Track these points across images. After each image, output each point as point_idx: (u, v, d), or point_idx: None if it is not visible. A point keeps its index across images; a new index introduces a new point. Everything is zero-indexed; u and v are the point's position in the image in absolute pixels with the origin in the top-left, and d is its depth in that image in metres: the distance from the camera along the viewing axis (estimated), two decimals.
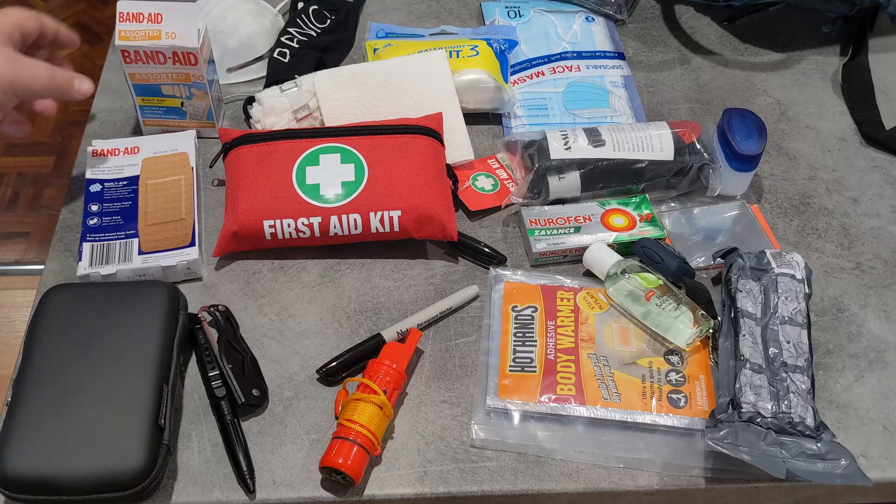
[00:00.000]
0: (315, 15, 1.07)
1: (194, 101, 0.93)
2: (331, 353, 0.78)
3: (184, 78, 0.90)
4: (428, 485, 0.71)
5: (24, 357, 0.72)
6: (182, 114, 0.94)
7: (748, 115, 0.91)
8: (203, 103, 0.93)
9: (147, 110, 0.94)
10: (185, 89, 0.91)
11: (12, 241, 2.01)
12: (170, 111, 0.94)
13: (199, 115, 0.94)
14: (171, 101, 0.93)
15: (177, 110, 0.94)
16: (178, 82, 0.91)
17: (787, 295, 0.77)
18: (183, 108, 0.93)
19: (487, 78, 0.97)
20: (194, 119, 0.94)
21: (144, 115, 0.94)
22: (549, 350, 0.78)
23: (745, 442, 0.68)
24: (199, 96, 0.92)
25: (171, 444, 0.71)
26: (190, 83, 0.91)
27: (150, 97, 0.92)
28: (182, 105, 0.93)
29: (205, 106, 0.93)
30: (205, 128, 0.95)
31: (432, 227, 0.84)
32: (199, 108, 0.93)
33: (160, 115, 0.94)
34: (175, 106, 0.93)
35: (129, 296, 0.75)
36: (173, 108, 0.93)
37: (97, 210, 0.84)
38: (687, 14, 1.15)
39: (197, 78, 0.90)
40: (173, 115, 0.94)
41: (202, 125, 0.95)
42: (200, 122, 0.95)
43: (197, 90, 0.92)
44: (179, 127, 0.95)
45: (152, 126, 0.95)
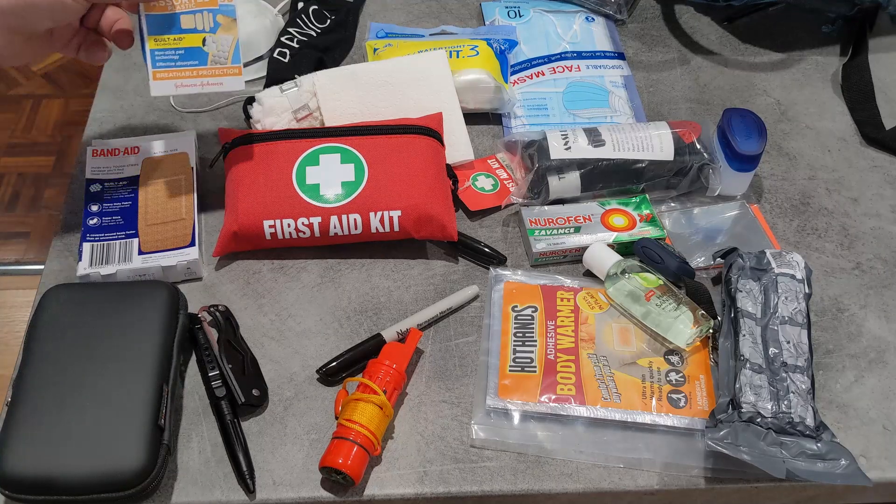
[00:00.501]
0: (315, 15, 1.07)
1: (219, 36, 0.78)
2: (331, 353, 0.78)
3: (208, 1, 0.77)
4: (428, 485, 0.71)
5: (24, 357, 0.72)
6: (203, 56, 0.78)
7: (748, 115, 0.91)
8: (229, 37, 0.78)
9: (160, 56, 0.78)
10: (209, 17, 0.77)
11: (12, 241, 2.02)
12: (189, 54, 0.78)
13: (224, 56, 0.79)
14: (190, 39, 0.78)
15: (197, 52, 0.78)
16: (203, 7, 0.77)
17: (787, 295, 0.77)
18: (205, 48, 0.78)
19: (487, 78, 0.97)
20: (217, 63, 0.79)
21: (156, 64, 0.78)
22: (549, 350, 0.78)
23: (745, 442, 0.68)
24: (226, 26, 0.78)
25: (171, 444, 0.71)
26: (217, 7, 0.77)
27: (165, 35, 0.77)
28: (204, 43, 0.78)
29: (231, 41, 0.78)
30: (229, 76, 0.79)
31: (432, 227, 0.84)
32: (224, 45, 0.78)
33: (175, 63, 0.78)
34: (195, 46, 0.78)
35: (129, 296, 0.75)
36: (193, 49, 0.78)
37: (97, 210, 0.84)
38: (687, 14, 1.15)
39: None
40: (192, 60, 0.78)
41: (226, 72, 0.79)
42: (224, 67, 0.79)
43: (224, 17, 0.78)
44: (198, 77, 0.79)
45: (164, 80, 0.79)
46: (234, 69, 0.79)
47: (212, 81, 0.79)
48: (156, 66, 0.78)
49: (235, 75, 0.79)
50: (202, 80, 0.79)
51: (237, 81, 0.80)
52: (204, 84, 0.79)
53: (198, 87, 0.79)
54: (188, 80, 0.79)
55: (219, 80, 0.79)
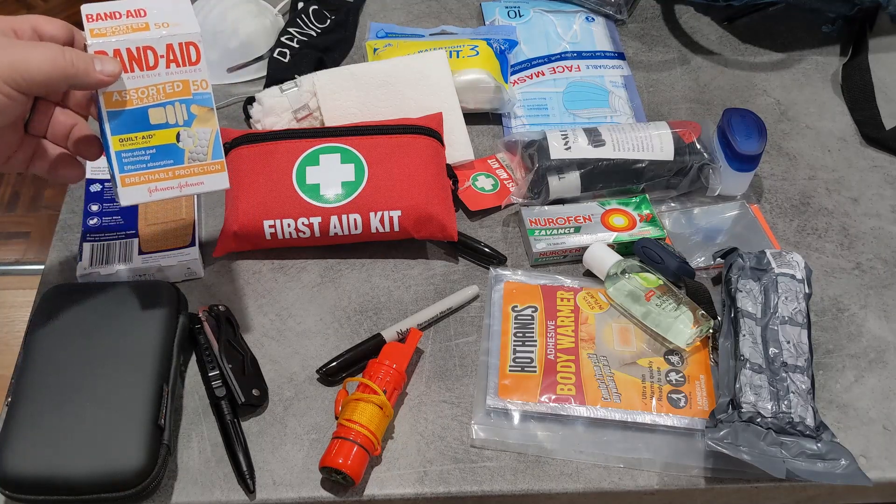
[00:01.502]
0: (315, 15, 1.07)
1: (195, 129, 0.68)
2: (331, 353, 0.78)
3: (181, 90, 0.67)
4: (428, 485, 0.71)
5: (23, 357, 0.72)
6: (179, 153, 0.68)
7: (748, 115, 0.91)
8: (207, 130, 0.68)
9: (127, 158, 0.67)
10: (182, 109, 0.67)
11: (12, 241, 2.02)
12: (161, 153, 0.67)
13: (202, 151, 0.68)
14: (162, 136, 0.67)
15: (171, 149, 0.68)
16: (174, 98, 0.67)
17: (787, 295, 0.77)
18: (180, 144, 0.68)
19: (487, 78, 0.97)
20: (196, 160, 0.69)
21: (124, 168, 0.67)
22: (549, 350, 0.78)
23: (745, 442, 0.68)
24: (203, 117, 0.68)
25: (171, 444, 0.71)
26: (190, 97, 0.67)
27: (132, 134, 0.67)
28: (178, 139, 0.68)
29: (210, 134, 0.68)
30: (210, 173, 0.69)
31: (432, 227, 0.84)
32: (202, 139, 0.68)
33: (146, 164, 0.67)
34: (168, 143, 0.67)
35: (129, 296, 0.75)
36: (166, 146, 0.67)
37: (97, 210, 0.84)
38: (687, 14, 1.15)
39: (200, 86, 0.68)
40: (166, 160, 0.68)
41: (207, 169, 0.69)
42: (204, 163, 0.69)
43: (199, 107, 0.68)
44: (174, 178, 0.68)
45: (135, 185, 0.67)
46: (216, 165, 0.69)
47: (191, 181, 0.69)
48: (123, 170, 0.67)
49: (217, 172, 0.69)
50: (179, 181, 0.68)
51: (220, 179, 0.70)
52: (182, 186, 0.69)
53: (176, 191, 0.68)
54: (163, 184, 0.68)
55: (199, 180, 0.69)
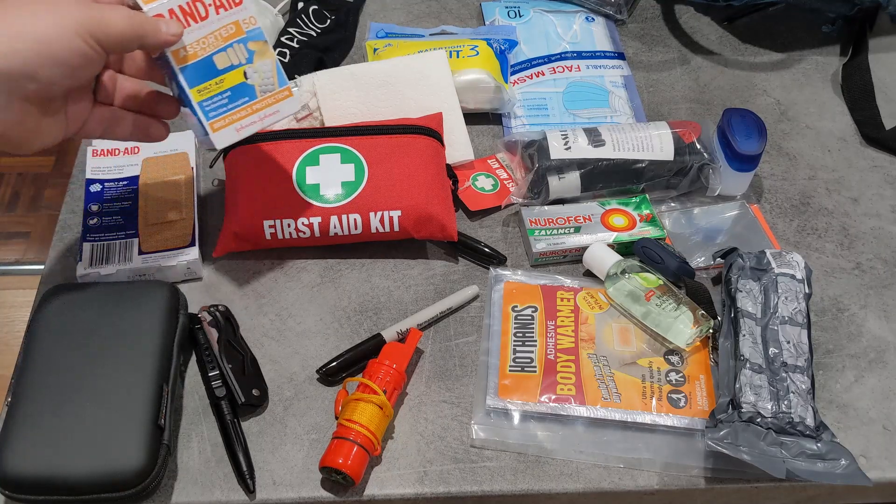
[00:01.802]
0: (315, 15, 1.07)
1: (258, 63, 0.72)
2: (331, 353, 0.78)
3: (234, 31, 0.71)
4: (428, 485, 0.71)
5: (23, 357, 0.72)
6: (251, 90, 0.73)
7: (748, 115, 0.91)
8: (268, 61, 0.73)
9: (209, 105, 0.71)
10: (241, 49, 0.72)
11: (12, 241, 2.02)
12: (236, 93, 0.72)
13: (269, 82, 0.73)
14: (232, 77, 0.72)
15: (243, 87, 0.72)
16: (231, 40, 0.71)
17: (787, 295, 0.77)
18: (249, 81, 0.72)
19: (487, 78, 0.97)
20: (266, 91, 0.73)
21: (210, 115, 0.72)
22: (549, 350, 0.78)
23: (745, 442, 0.68)
24: (261, 51, 0.72)
25: (171, 444, 0.71)
26: (244, 35, 0.72)
27: (207, 82, 0.71)
28: (246, 76, 0.72)
29: (271, 65, 0.73)
30: (282, 100, 0.74)
31: (432, 227, 0.84)
32: (265, 72, 0.73)
33: (226, 106, 0.72)
34: (239, 82, 0.72)
35: (129, 296, 0.75)
36: (238, 86, 0.72)
37: (97, 210, 0.84)
38: (687, 14, 1.15)
39: (249, 23, 0.72)
40: (243, 97, 0.73)
41: (278, 97, 0.74)
42: (275, 93, 0.74)
43: (255, 43, 0.72)
44: (254, 113, 0.73)
45: (224, 128, 0.72)
46: (284, 91, 0.75)
47: (268, 112, 0.74)
48: (209, 117, 0.72)
49: (288, 97, 0.75)
50: (259, 114, 0.74)
51: (292, 103, 0.75)
52: (263, 117, 0.74)
53: (258, 124, 0.74)
54: (246, 120, 0.73)
55: (274, 109, 0.74)
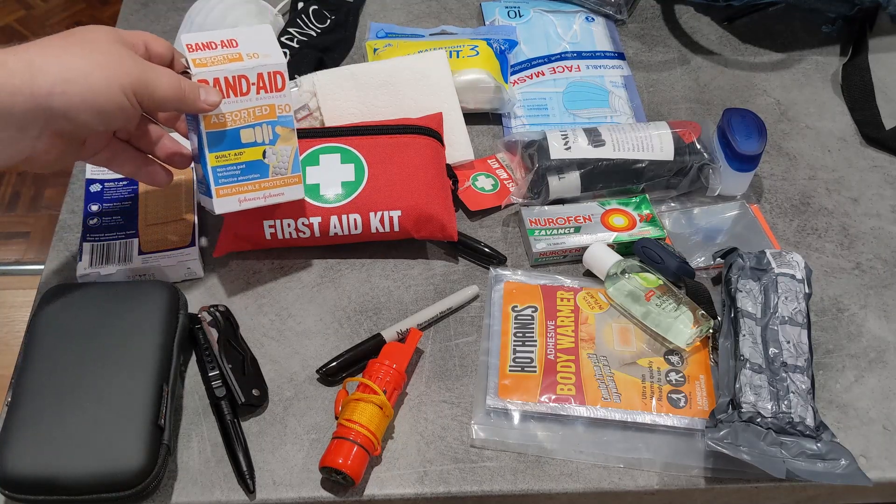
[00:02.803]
0: (315, 15, 1.07)
1: (279, 147, 0.76)
2: (331, 353, 0.78)
3: (268, 113, 0.75)
4: (428, 485, 0.71)
5: (23, 357, 0.72)
6: (264, 168, 0.76)
7: (748, 115, 0.91)
8: (289, 147, 0.77)
9: (221, 172, 0.75)
10: (268, 130, 0.76)
11: (12, 241, 2.02)
12: (250, 168, 0.76)
13: (284, 166, 0.77)
14: (251, 153, 0.75)
15: (258, 165, 0.76)
16: (262, 120, 0.75)
17: (787, 295, 0.77)
18: (265, 160, 0.76)
19: (487, 78, 0.97)
20: (278, 174, 0.77)
21: (219, 181, 0.75)
22: (549, 350, 0.78)
23: (745, 442, 0.68)
24: (285, 136, 0.76)
25: (171, 444, 0.71)
26: (275, 119, 0.76)
27: (226, 151, 0.75)
28: (264, 156, 0.76)
29: (290, 151, 0.77)
30: (290, 185, 0.78)
31: (432, 227, 0.84)
32: (283, 156, 0.77)
33: (237, 178, 0.76)
34: (256, 159, 0.76)
35: (129, 296, 0.75)
36: (254, 162, 0.76)
37: (97, 210, 0.84)
38: (687, 14, 1.15)
39: (283, 109, 0.76)
40: (253, 174, 0.76)
41: (287, 182, 0.78)
42: (285, 177, 0.78)
43: (283, 128, 0.76)
44: (260, 190, 0.77)
45: (228, 196, 0.76)
46: (294, 178, 0.78)
47: (273, 192, 0.77)
48: (218, 183, 0.75)
49: (296, 184, 0.78)
50: (264, 192, 0.77)
51: (297, 190, 0.79)
52: (266, 196, 0.77)
53: (261, 201, 0.77)
54: (251, 195, 0.76)
55: (280, 191, 0.78)
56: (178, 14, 1.09)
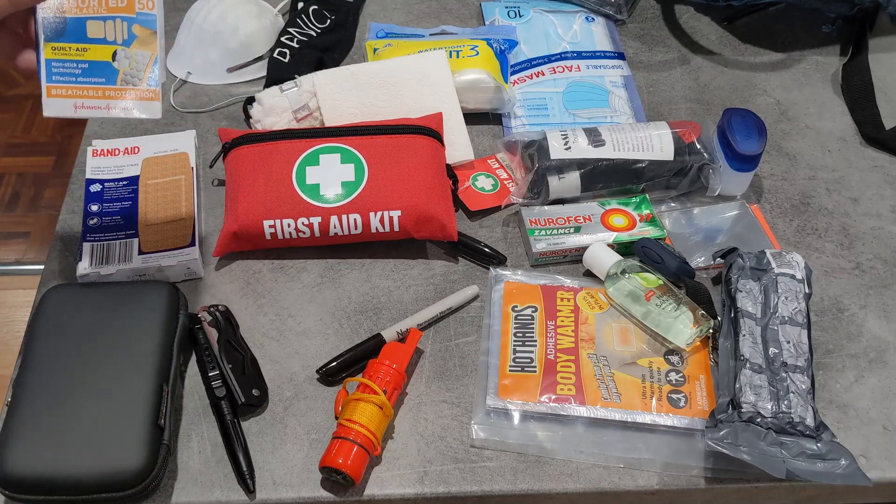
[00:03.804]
0: (315, 15, 1.07)
1: (134, 50, 0.64)
2: (331, 353, 0.78)
3: (124, 6, 0.63)
4: (428, 485, 0.71)
5: (24, 357, 0.72)
6: (112, 73, 0.64)
7: (748, 115, 0.91)
8: (146, 53, 0.64)
9: (57, 68, 0.64)
10: (122, 27, 0.63)
11: (12, 241, 2.01)
12: (93, 69, 0.64)
13: (138, 75, 0.65)
14: (97, 51, 0.64)
15: (104, 67, 0.64)
16: (116, 14, 0.63)
17: (787, 295, 0.77)
18: (115, 63, 0.64)
19: (487, 78, 0.97)
20: (128, 83, 0.65)
21: (52, 78, 0.64)
22: (549, 350, 0.78)
23: (745, 442, 0.68)
24: (144, 39, 0.64)
25: (171, 444, 0.71)
26: (133, 15, 0.64)
27: (67, 43, 0.63)
28: (114, 58, 0.64)
29: (148, 58, 0.65)
30: (143, 100, 0.65)
31: (432, 227, 0.84)
32: (139, 62, 0.64)
33: (75, 78, 0.64)
34: (102, 60, 0.64)
35: (129, 296, 0.75)
36: (99, 63, 0.64)
37: (97, 210, 0.84)
38: (687, 14, 1.15)
39: (146, 5, 0.64)
40: (97, 77, 0.64)
41: (140, 95, 0.65)
42: (137, 88, 0.65)
43: (142, 28, 0.64)
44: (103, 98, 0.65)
45: (61, 98, 0.64)
46: (149, 92, 0.65)
47: (120, 105, 0.66)
48: (51, 79, 0.64)
49: (151, 100, 0.66)
50: (108, 101, 0.65)
51: (152, 107, 0.66)
52: (109, 107, 0.65)
53: (102, 111, 0.65)
54: (90, 102, 0.65)
55: (129, 104, 0.65)
56: (178, 14, 1.09)
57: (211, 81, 1.03)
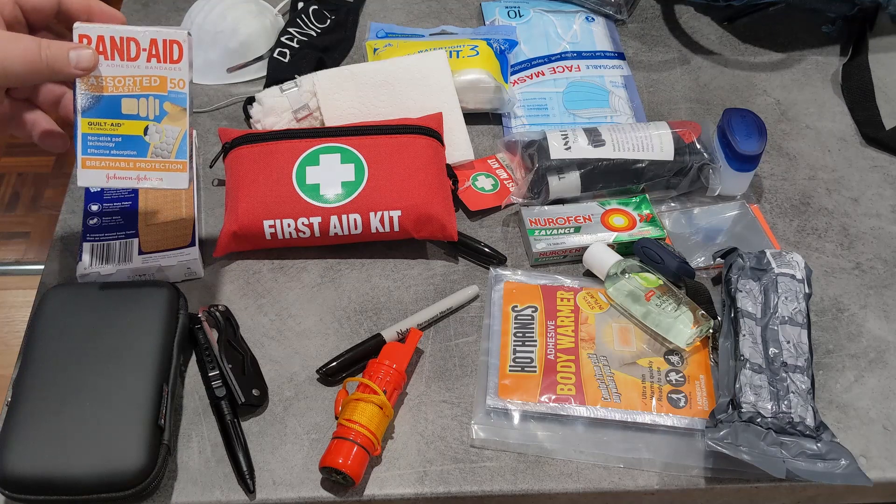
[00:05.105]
0: (315, 15, 1.07)
1: (164, 126, 0.69)
2: (331, 353, 0.78)
3: (157, 85, 0.68)
4: (428, 485, 0.71)
5: (24, 357, 0.72)
6: (143, 146, 0.69)
7: (748, 115, 0.91)
8: (176, 129, 0.70)
9: (93, 142, 0.69)
10: (155, 104, 0.68)
11: (12, 241, 2.02)
12: (126, 143, 0.69)
13: (167, 149, 0.70)
14: (130, 126, 0.69)
15: (136, 141, 0.69)
16: (149, 92, 0.68)
17: (787, 295, 0.77)
18: (146, 138, 0.69)
19: (487, 78, 0.97)
20: (158, 156, 0.70)
21: (87, 150, 0.69)
22: (549, 350, 0.78)
23: (745, 442, 0.68)
24: (174, 116, 0.69)
25: (171, 444, 0.71)
26: (165, 94, 0.69)
27: (102, 119, 0.68)
28: (146, 132, 0.69)
29: (178, 133, 0.70)
30: (171, 171, 0.70)
31: (432, 227, 0.84)
32: (169, 137, 0.69)
33: (109, 151, 0.69)
34: (135, 135, 0.69)
35: (129, 296, 0.75)
36: (132, 137, 0.69)
37: (97, 210, 0.84)
38: (687, 14, 1.15)
39: (177, 85, 0.69)
40: (129, 150, 0.69)
41: (168, 167, 0.70)
42: (166, 161, 0.70)
43: (172, 105, 0.69)
44: (134, 170, 0.70)
45: (94, 169, 0.70)
46: (178, 164, 0.70)
47: (150, 176, 0.70)
48: (86, 152, 0.69)
49: (178, 171, 0.70)
50: (138, 173, 0.70)
51: (180, 179, 0.71)
52: (140, 178, 0.70)
53: (132, 181, 0.70)
54: (122, 173, 0.69)
55: (158, 175, 0.70)
56: (179, 14, 1.09)
57: (211, 81, 1.03)
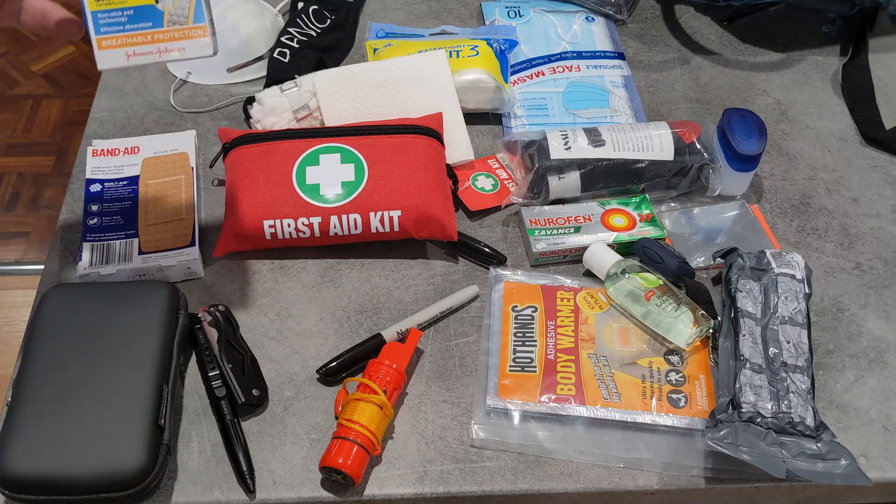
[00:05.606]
0: (315, 15, 1.07)
1: None
2: (331, 353, 0.78)
3: None
4: (428, 485, 0.71)
5: (24, 357, 0.72)
6: (157, 16, 0.64)
7: (748, 115, 0.91)
8: None
9: (104, 19, 0.64)
10: None
11: (12, 241, 2.01)
12: (139, 15, 0.64)
13: (183, 14, 0.64)
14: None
15: (149, 11, 0.64)
16: None
17: (787, 295, 0.77)
18: (159, 6, 0.64)
19: (487, 78, 0.97)
20: (176, 24, 0.64)
21: (101, 30, 0.64)
22: (549, 350, 0.78)
23: (745, 442, 0.68)
24: None
25: (171, 444, 0.71)
26: None
27: None
28: (157, 1, 0.64)
29: None
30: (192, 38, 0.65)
31: (432, 227, 0.84)
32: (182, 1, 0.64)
33: (123, 26, 0.64)
34: (146, 4, 0.63)
35: (129, 296, 0.75)
36: (144, 7, 0.63)
37: (97, 210, 0.84)
38: (687, 14, 1.15)
39: None
40: (144, 22, 0.64)
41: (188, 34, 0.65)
42: (185, 27, 0.64)
43: None
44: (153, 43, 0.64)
45: (112, 49, 0.64)
46: (198, 30, 0.64)
47: (171, 47, 0.64)
48: (100, 31, 0.64)
49: (200, 37, 0.64)
50: (159, 45, 0.64)
51: (204, 45, 0.65)
52: (161, 51, 0.64)
53: (154, 56, 0.64)
54: (142, 48, 0.64)
55: (180, 45, 0.64)
56: None
57: (211, 81, 1.03)
